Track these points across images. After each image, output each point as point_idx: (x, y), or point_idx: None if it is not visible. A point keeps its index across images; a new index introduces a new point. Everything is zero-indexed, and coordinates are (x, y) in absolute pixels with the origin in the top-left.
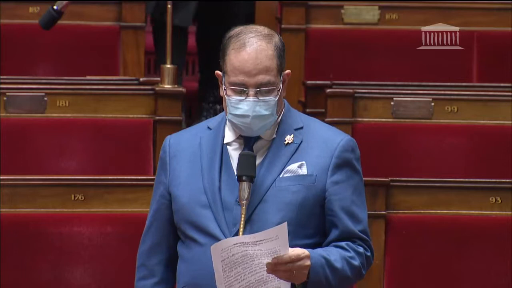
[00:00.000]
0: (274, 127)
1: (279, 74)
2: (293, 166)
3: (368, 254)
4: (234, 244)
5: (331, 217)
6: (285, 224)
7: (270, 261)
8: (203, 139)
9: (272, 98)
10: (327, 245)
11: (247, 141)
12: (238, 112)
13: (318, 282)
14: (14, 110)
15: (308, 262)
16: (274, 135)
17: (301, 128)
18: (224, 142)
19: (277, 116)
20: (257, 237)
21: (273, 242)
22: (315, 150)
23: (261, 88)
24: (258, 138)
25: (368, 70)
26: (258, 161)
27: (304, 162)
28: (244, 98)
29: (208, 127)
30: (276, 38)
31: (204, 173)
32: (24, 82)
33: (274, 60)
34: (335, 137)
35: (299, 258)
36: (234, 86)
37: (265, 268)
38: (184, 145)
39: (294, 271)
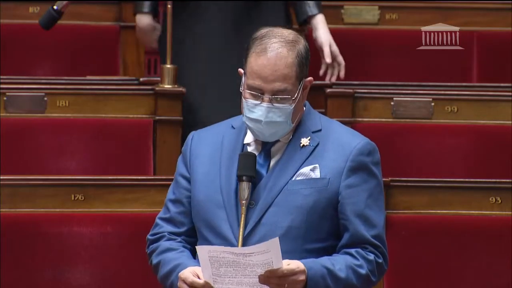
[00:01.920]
0: (292, 129)
1: (298, 82)
2: (305, 169)
3: (380, 261)
4: (223, 251)
5: (343, 221)
6: (277, 239)
7: (263, 272)
8: (226, 138)
9: (287, 106)
10: (339, 249)
11: (265, 144)
12: (252, 115)
13: None
14: (14, 110)
15: (302, 277)
16: (291, 137)
17: (319, 130)
18: (244, 142)
19: (293, 123)
20: (247, 250)
21: (264, 255)
22: (331, 153)
23: (277, 95)
24: (276, 140)
25: (368, 70)
26: (272, 162)
27: (317, 165)
28: (259, 102)
29: (232, 126)
30: (300, 45)
31: (222, 172)
32: (24, 82)
33: (293, 68)
34: (352, 141)
35: (292, 273)
36: (250, 90)
37: (258, 276)
38: (206, 142)
39: (286, 284)
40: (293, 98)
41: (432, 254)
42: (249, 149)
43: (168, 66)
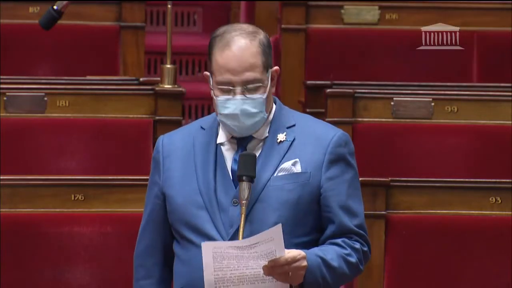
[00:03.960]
0: (267, 125)
1: (265, 70)
2: (287, 164)
3: (365, 249)
4: (229, 246)
5: (327, 214)
6: (280, 225)
7: (266, 263)
8: (197, 139)
9: (259, 96)
10: (324, 241)
11: (240, 142)
12: (226, 111)
13: (315, 283)
14: (14, 110)
15: (304, 263)
16: (267, 134)
17: (293, 125)
18: (217, 142)
19: (268, 114)
20: (252, 240)
21: (268, 244)
22: (308, 147)
23: (248, 86)
24: (251, 138)
25: (368, 70)
26: None
27: (297, 159)
28: (231, 96)
29: (202, 127)
30: (261, 35)
31: (198, 173)
32: (24, 82)
33: (258, 56)
34: (328, 133)
35: (295, 260)
36: (220, 85)
37: (261, 267)
38: (177, 145)
39: (290, 273)
40: (265, 86)
41: (432, 254)
42: (224, 148)
43: (168, 66)
